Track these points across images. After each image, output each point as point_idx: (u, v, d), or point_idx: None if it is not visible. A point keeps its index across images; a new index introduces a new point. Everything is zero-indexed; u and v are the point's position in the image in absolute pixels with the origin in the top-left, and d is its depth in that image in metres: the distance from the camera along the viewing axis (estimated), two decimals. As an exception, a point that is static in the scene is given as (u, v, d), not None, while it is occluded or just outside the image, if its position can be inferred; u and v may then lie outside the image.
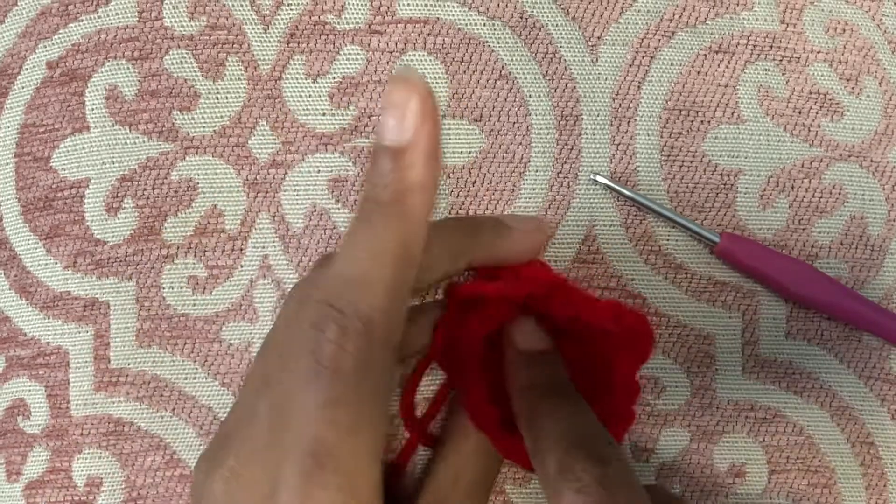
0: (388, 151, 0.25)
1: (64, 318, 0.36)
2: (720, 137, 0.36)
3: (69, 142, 0.36)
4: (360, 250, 0.25)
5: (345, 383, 0.25)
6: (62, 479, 0.36)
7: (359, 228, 0.26)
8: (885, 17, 0.37)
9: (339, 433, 0.25)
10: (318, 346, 0.25)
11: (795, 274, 0.35)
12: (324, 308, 0.25)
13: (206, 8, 0.36)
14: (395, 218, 0.25)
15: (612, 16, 0.37)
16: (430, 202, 0.25)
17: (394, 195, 0.25)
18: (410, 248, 0.25)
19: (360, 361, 0.25)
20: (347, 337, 0.25)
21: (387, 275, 0.25)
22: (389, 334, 0.25)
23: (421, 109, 0.24)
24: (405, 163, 0.24)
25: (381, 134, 0.25)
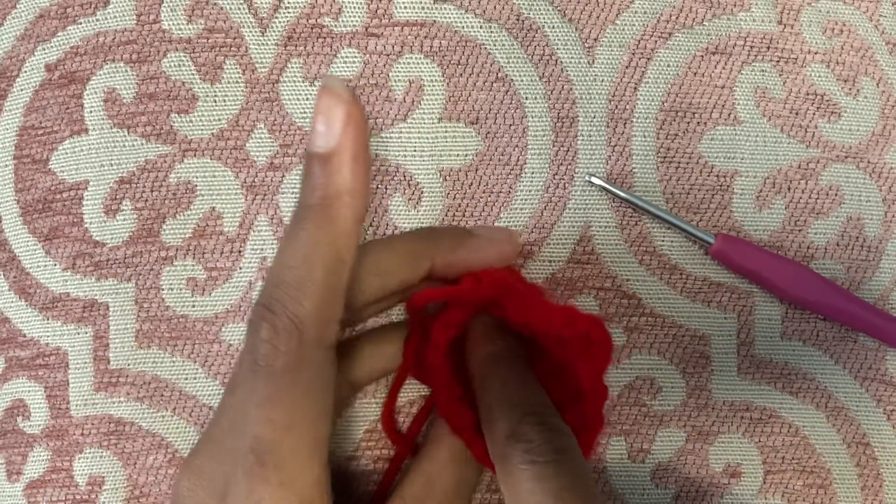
0: (317, 157, 0.26)
1: (63, 320, 0.36)
2: (716, 139, 0.36)
3: (68, 144, 0.36)
4: (290, 253, 0.27)
5: (278, 382, 0.26)
6: (63, 478, 0.36)
7: (291, 232, 0.27)
8: (882, 17, 0.37)
9: (276, 430, 0.26)
10: (254, 346, 0.26)
11: (791, 275, 0.35)
12: (258, 309, 0.26)
13: (204, 11, 0.36)
14: (324, 221, 0.26)
15: (609, 17, 0.37)
16: (359, 206, 0.26)
17: (322, 199, 0.26)
18: (340, 251, 0.26)
19: (292, 360, 0.26)
20: (279, 336, 0.26)
21: (317, 276, 0.26)
22: (322, 333, 0.26)
23: (345, 116, 0.25)
24: (332, 168, 0.26)
25: (310, 141, 0.26)
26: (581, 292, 0.36)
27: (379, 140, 0.36)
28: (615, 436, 0.36)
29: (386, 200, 0.36)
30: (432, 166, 0.36)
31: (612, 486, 0.36)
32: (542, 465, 0.25)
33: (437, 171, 0.36)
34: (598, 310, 0.36)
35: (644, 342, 0.36)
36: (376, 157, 0.36)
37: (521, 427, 0.26)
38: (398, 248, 0.30)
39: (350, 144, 0.26)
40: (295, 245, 0.27)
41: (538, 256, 0.35)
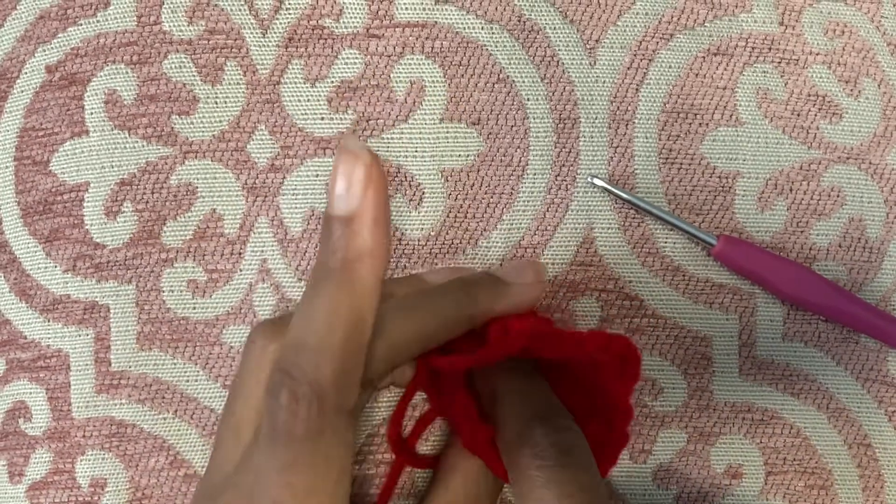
0: (337, 220, 0.26)
1: (64, 321, 0.36)
2: (718, 140, 0.36)
3: (68, 146, 0.36)
4: (311, 317, 0.26)
5: (298, 448, 0.26)
6: (66, 480, 0.36)
7: (311, 295, 0.26)
8: (884, 18, 0.37)
9: (296, 496, 0.26)
10: (273, 412, 0.26)
11: (793, 276, 0.35)
12: (277, 374, 0.26)
13: (205, 12, 0.36)
14: (345, 284, 0.26)
15: (611, 18, 0.37)
16: (380, 268, 0.26)
17: (343, 262, 0.26)
18: (361, 314, 0.26)
19: (312, 427, 0.26)
20: (299, 403, 0.25)
21: (337, 341, 0.26)
22: (342, 400, 0.26)
23: (366, 178, 0.25)
24: (353, 231, 0.26)
25: (330, 203, 0.26)
26: (584, 294, 0.36)
27: (380, 141, 0.36)
28: (617, 437, 0.36)
29: (387, 202, 0.36)
30: (434, 167, 0.36)
31: (613, 486, 0.36)
32: (550, 469, 0.25)
33: (439, 172, 0.36)
34: (601, 312, 0.36)
35: (646, 343, 0.36)
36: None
37: (530, 430, 0.26)
38: (442, 313, 0.29)
39: (371, 206, 0.26)
40: (315, 308, 0.26)
41: (541, 259, 0.35)
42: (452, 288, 0.31)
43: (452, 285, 0.31)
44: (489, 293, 0.30)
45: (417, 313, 0.29)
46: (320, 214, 0.36)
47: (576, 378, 0.30)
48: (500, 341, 0.29)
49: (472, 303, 0.30)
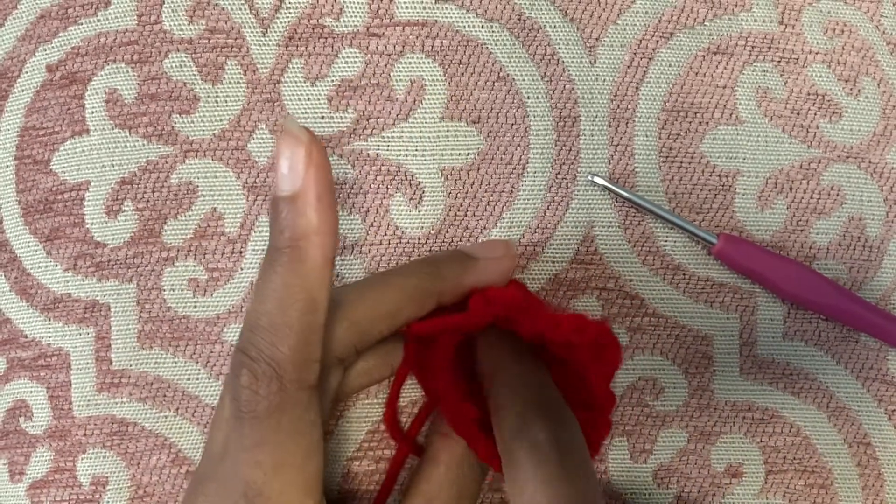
0: (282, 200, 0.26)
1: (65, 320, 0.36)
2: (718, 138, 0.36)
3: (69, 145, 0.36)
4: (263, 297, 0.27)
5: (263, 426, 0.26)
6: (67, 478, 0.36)
7: (262, 276, 0.27)
8: (883, 17, 0.37)
9: (265, 473, 0.26)
10: (236, 393, 0.26)
11: (793, 275, 0.35)
12: (237, 355, 0.27)
13: (205, 11, 0.36)
14: (293, 263, 0.26)
15: (611, 17, 0.37)
16: (328, 244, 0.27)
17: (290, 241, 0.26)
18: (313, 291, 0.26)
19: (274, 404, 0.26)
20: (259, 382, 0.26)
21: (291, 319, 0.26)
22: (302, 375, 0.27)
23: (306, 157, 0.26)
24: (298, 209, 0.26)
25: (274, 185, 0.26)
26: (584, 293, 0.36)
27: (380, 140, 0.36)
28: (617, 436, 0.36)
29: (387, 200, 0.36)
30: (434, 166, 0.36)
31: (613, 486, 0.36)
32: (547, 466, 0.25)
33: (439, 171, 0.36)
34: (601, 310, 0.36)
35: (647, 342, 0.36)
36: (377, 156, 0.36)
37: (528, 425, 0.26)
38: (405, 287, 0.30)
39: (314, 184, 0.26)
40: (267, 288, 0.27)
41: (541, 257, 0.36)
42: (418, 264, 0.32)
43: (418, 262, 0.32)
44: (455, 268, 0.31)
45: (380, 290, 0.30)
46: (321, 213, 0.36)
47: (562, 365, 0.30)
48: (479, 307, 0.30)
49: (438, 277, 0.31)
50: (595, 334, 0.29)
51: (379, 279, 0.31)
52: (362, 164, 0.36)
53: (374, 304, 0.30)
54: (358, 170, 0.36)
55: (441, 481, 0.31)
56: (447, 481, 0.31)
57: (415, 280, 0.31)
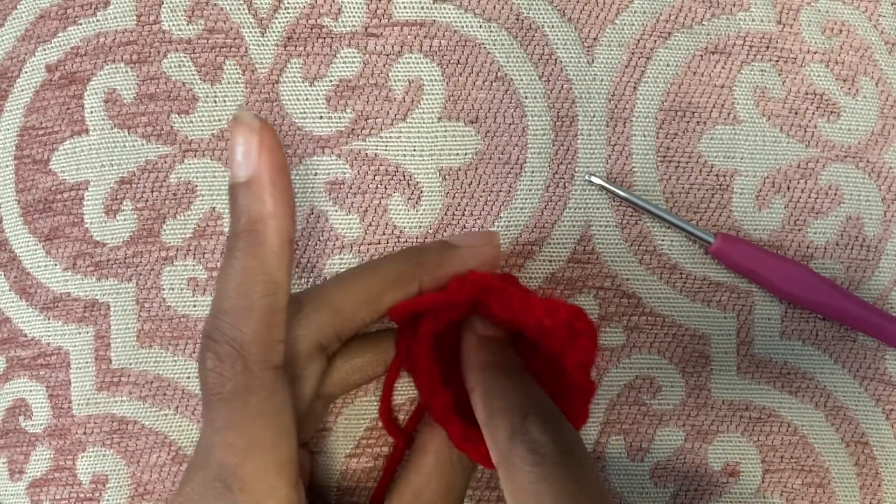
0: (238, 187, 0.27)
1: (64, 319, 0.36)
2: (716, 138, 0.36)
3: (68, 144, 0.37)
4: (225, 282, 0.27)
5: (231, 407, 0.27)
6: (66, 477, 0.36)
7: (224, 262, 0.28)
8: (881, 17, 0.37)
9: (237, 454, 0.27)
10: (204, 377, 0.27)
11: (790, 274, 0.35)
12: (203, 341, 0.27)
13: (204, 12, 0.36)
14: (251, 246, 0.27)
15: (608, 17, 0.37)
16: (284, 227, 0.27)
17: (247, 225, 0.27)
18: (272, 273, 0.27)
19: (240, 384, 0.27)
20: (223, 364, 0.27)
21: (252, 301, 0.27)
22: (266, 355, 0.27)
23: (259, 143, 0.26)
24: (253, 194, 0.27)
25: (231, 174, 0.27)
26: (581, 291, 0.36)
27: (379, 140, 0.36)
28: (614, 434, 0.36)
29: (385, 200, 0.36)
30: (432, 165, 0.36)
31: (611, 484, 0.36)
32: (548, 465, 0.25)
33: (437, 171, 0.36)
34: (598, 309, 0.36)
35: (644, 341, 0.36)
36: (376, 156, 0.36)
37: (525, 426, 0.26)
38: (387, 274, 0.31)
39: (267, 169, 0.27)
40: (228, 273, 0.27)
41: (538, 256, 0.36)
42: (398, 253, 0.32)
43: (399, 252, 0.33)
44: (435, 255, 0.31)
45: (361, 277, 0.31)
46: (319, 212, 0.36)
47: (538, 356, 0.31)
48: (454, 286, 0.30)
49: (418, 264, 0.31)
50: (567, 317, 0.29)
51: (360, 267, 0.32)
52: (360, 164, 0.36)
53: (355, 290, 0.30)
54: (356, 170, 0.36)
55: (430, 471, 0.32)
56: (436, 471, 0.31)
57: (395, 266, 0.31)
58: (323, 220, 0.36)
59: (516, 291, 0.30)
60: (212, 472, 0.27)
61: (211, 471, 0.27)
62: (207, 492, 0.27)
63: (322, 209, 0.36)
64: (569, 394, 0.30)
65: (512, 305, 0.29)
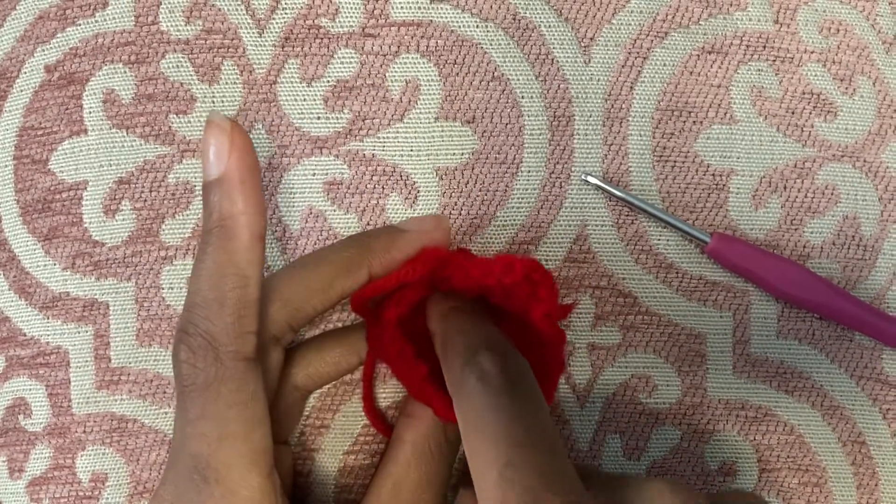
0: (209, 185, 0.28)
1: (63, 319, 0.36)
2: (713, 138, 0.36)
3: (67, 144, 0.37)
4: (197, 277, 0.28)
5: (203, 397, 0.27)
6: (66, 475, 0.36)
7: (197, 258, 0.29)
8: (879, 16, 0.37)
9: (210, 445, 0.27)
10: (177, 370, 0.28)
11: (787, 274, 0.35)
12: (177, 334, 0.28)
13: (202, 12, 0.37)
14: (222, 242, 0.28)
15: (605, 17, 0.37)
16: (255, 223, 0.28)
17: (219, 222, 0.28)
18: (242, 267, 0.28)
19: (212, 375, 0.27)
20: (196, 355, 0.27)
21: (222, 293, 0.28)
22: (238, 346, 0.28)
23: (229, 143, 0.28)
24: (223, 192, 0.28)
25: (203, 172, 0.28)
26: (577, 291, 0.36)
27: (376, 140, 0.36)
28: (610, 433, 0.36)
29: (383, 200, 0.36)
30: (429, 165, 0.36)
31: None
32: (495, 395, 0.26)
33: (434, 171, 0.36)
34: (595, 308, 0.36)
35: (640, 340, 0.36)
36: (373, 156, 0.36)
37: (476, 358, 0.27)
38: (335, 261, 0.31)
39: (237, 167, 0.28)
40: (200, 269, 0.28)
41: (535, 255, 0.36)
42: (346, 240, 0.32)
43: (347, 238, 0.33)
44: (384, 240, 0.32)
45: (310, 266, 0.31)
46: (318, 213, 0.36)
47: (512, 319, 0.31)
48: (408, 266, 0.31)
49: (366, 250, 0.31)
50: (524, 271, 0.29)
51: (309, 256, 0.32)
52: (358, 165, 0.36)
53: (305, 280, 0.31)
54: (354, 170, 0.36)
55: (408, 462, 0.32)
56: (414, 461, 0.32)
57: (343, 253, 0.31)
58: (321, 220, 0.36)
59: (471, 258, 0.31)
60: (188, 464, 0.28)
61: (187, 462, 0.28)
62: (186, 483, 0.28)
63: (320, 209, 0.36)
64: (541, 347, 0.30)
65: (469, 273, 0.30)
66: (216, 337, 0.27)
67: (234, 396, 0.28)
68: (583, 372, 0.36)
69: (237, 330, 0.28)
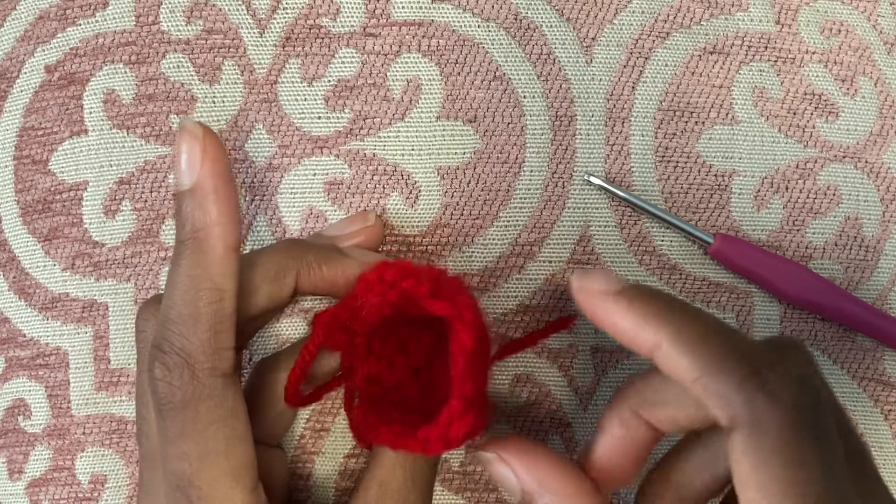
0: (182, 195, 0.27)
1: (63, 320, 0.36)
2: (714, 138, 0.36)
3: (67, 145, 0.37)
4: (171, 291, 0.27)
5: (182, 416, 0.27)
6: (65, 476, 0.36)
7: (170, 270, 0.28)
8: (880, 17, 0.37)
9: (192, 463, 0.27)
10: (154, 388, 0.27)
11: (789, 275, 0.35)
12: (151, 351, 0.27)
13: (203, 12, 0.36)
14: (195, 254, 0.27)
15: (607, 17, 0.37)
16: (229, 234, 0.27)
17: (192, 233, 0.27)
18: (216, 280, 0.27)
19: (189, 393, 0.27)
20: (172, 372, 0.27)
21: (197, 309, 0.27)
22: (214, 362, 0.27)
23: (201, 152, 0.27)
24: (196, 202, 0.27)
25: (175, 181, 0.27)
26: (579, 292, 0.36)
27: (377, 139, 0.36)
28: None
29: (384, 200, 0.36)
30: (430, 165, 0.36)
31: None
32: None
33: (435, 170, 0.36)
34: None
35: (642, 341, 0.36)
36: (374, 156, 0.36)
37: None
38: (262, 262, 0.30)
39: (209, 177, 0.27)
40: (174, 282, 0.27)
41: (538, 257, 0.36)
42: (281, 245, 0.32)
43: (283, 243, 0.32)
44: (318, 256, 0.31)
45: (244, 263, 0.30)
46: (318, 213, 0.36)
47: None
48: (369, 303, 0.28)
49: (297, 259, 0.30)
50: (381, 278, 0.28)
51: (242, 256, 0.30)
52: (359, 164, 0.36)
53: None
54: (355, 169, 0.36)
55: (393, 463, 0.31)
56: (399, 464, 0.31)
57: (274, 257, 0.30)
58: (322, 219, 0.36)
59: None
60: (171, 482, 0.27)
61: (170, 481, 0.27)
62: (168, 502, 0.27)
63: (321, 209, 0.36)
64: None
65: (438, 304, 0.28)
66: (192, 354, 0.27)
67: (213, 414, 0.27)
68: (585, 374, 0.36)
69: (213, 346, 0.27)
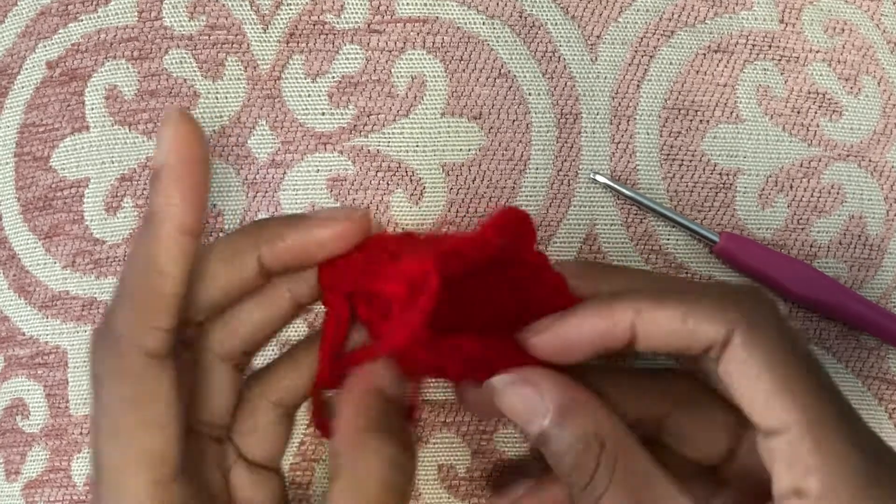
0: (151, 177, 0.27)
1: (63, 318, 0.36)
2: (719, 137, 0.36)
3: (69, 141, 0.36)
4: (123, 267, 0.28)
5: (104, 390, 0.27)
6: (61, 478, 0.36)
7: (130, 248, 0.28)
8: (884, 16, 0.38)
9: (104, 441, 0.27)
10: (89, 360, 0.27)
11: (794, 273, 0.35)
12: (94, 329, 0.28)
13: (206, 8, 0.36)
14: (143, 235, 0.27)
15: (612, 15, 0.37)
16: (186, 215, 0.27)
17: (147, 214, 0.27)
18: (157, 262, 0.27)
19: (112, 367, 0.27)
20: (99, 343, 0.27)
21: (131, 286, 0.27)
22: (140, 340, 0.27)
23: (171, 136, 0.27)
24: (159, 185, 0.27)
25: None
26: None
27: (381, 136, 0.36)
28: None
29: (388, 196, 0.35)
30: (435, 161, 0.36)
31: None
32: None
33: (440, 167, 0.36)
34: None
35: (647, 340, 0.36)
36: (378, 152, 0.36)
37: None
38: (218, 246, 0.30)
39: (174, 161, 0.27)
40: (127, 259, 0.28)
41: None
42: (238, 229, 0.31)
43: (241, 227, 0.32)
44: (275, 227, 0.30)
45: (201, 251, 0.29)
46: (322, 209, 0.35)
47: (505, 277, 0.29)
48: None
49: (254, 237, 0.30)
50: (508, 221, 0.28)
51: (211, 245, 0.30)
52: (363, 161, 0.36)
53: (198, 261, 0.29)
54: (358, 166, 0.36)
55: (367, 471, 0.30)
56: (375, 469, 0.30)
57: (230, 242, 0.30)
58: (325, 217, 0.35)
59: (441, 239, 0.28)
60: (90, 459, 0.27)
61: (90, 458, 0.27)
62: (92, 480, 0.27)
63: (324, 206, 0.35)
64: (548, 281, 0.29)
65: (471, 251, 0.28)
66: (118, 329, 0.26)
67: (127, 391, 0.26)
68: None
69: (141, 323, 0.27)
